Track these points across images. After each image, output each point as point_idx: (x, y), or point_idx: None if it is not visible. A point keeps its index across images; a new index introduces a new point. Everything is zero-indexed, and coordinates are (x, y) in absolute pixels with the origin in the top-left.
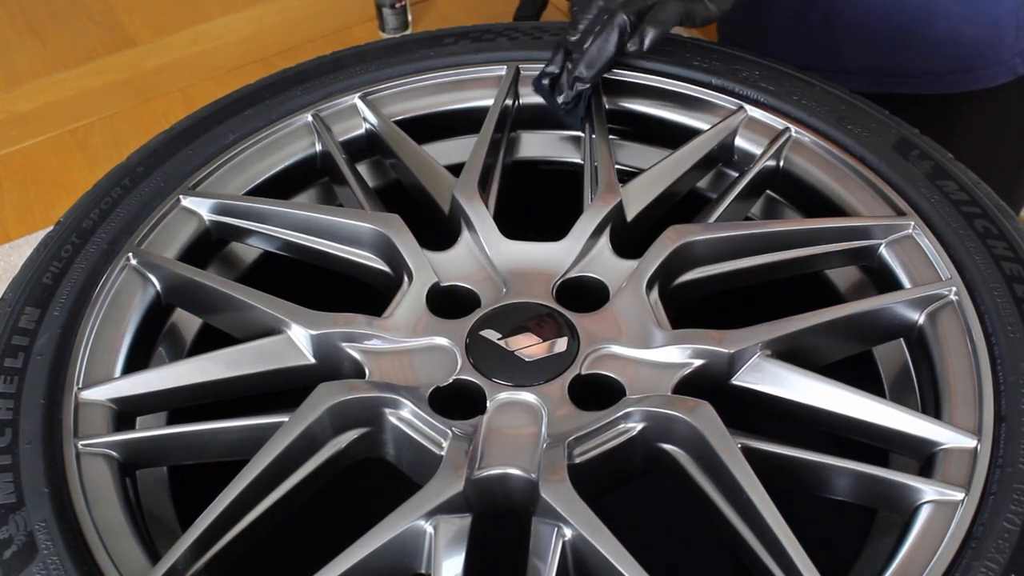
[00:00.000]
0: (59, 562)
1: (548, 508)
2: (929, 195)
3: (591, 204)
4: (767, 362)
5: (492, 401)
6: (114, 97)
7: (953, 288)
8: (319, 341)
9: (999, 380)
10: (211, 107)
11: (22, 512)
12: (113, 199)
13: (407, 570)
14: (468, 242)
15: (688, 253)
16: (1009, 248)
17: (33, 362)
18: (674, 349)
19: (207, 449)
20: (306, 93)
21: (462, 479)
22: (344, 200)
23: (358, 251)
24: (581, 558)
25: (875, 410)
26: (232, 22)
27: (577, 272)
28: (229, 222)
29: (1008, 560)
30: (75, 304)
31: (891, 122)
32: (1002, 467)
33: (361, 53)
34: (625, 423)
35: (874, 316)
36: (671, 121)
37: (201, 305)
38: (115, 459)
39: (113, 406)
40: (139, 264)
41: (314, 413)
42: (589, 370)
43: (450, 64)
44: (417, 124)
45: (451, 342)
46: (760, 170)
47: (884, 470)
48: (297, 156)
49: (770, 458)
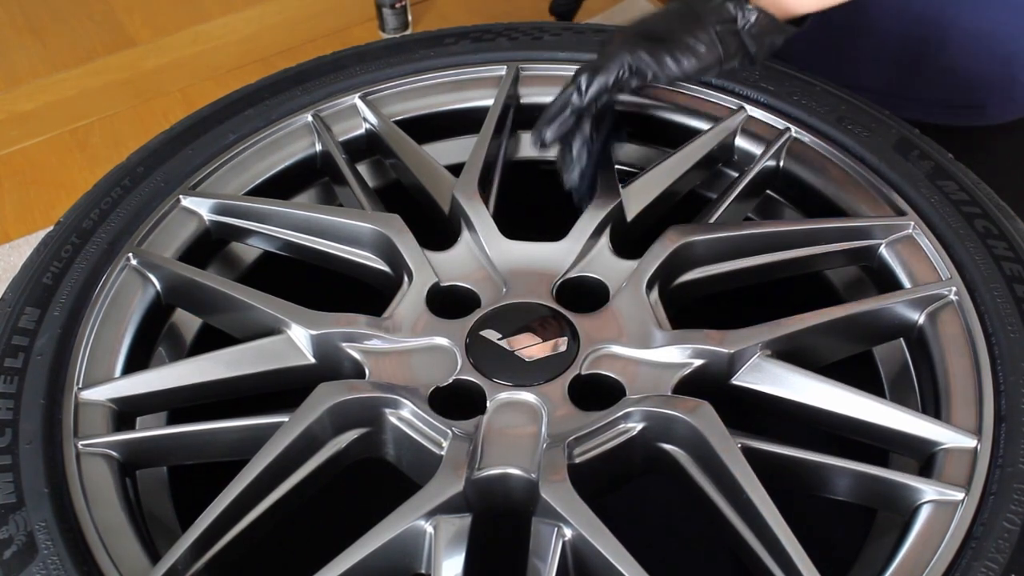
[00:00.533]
0: (59, 562)
1: (548, 508)
2: (929, 195)
3: (591, 204)
4: (767, 362)
5: (492, 401)
6: (114, 97)
7: (953, 288)
8: (319, 341)
9: (999, 380)
10: (211, 107)
11: (22, 512)
12: (113, 199)
13: (407, 570)
14: (468, 242)
15: (688, 253)
16: (1009, 248)
17: (33, 362)
18: (674, 349)
19: (207, 449)
20: (306, 93)
21: (462, 479)
22: (344, 200)
23: (358, 251)
24: (581, 558)
25: (875, 410)
26: (232, 22)
27: (577, 272)
28: (229, 222)
29: (1008, 560)
30: (75, 304)
31: (891, 122)
32: (1002, 467)
33: (361, 53)
34: (625, 423)
35: (874, 316)
36: (671, 121)
37: (201, 305)
38: (115, 459)
39: (113, 406)
40: (139, 264)
41: (314, 413)
42: (589, 370)
43: (450, 64)
44: (417, 124)
45: (451, 342)
46: (760, 170)
47: (884, 470)
48: (297, 156)
49: (770, 458)
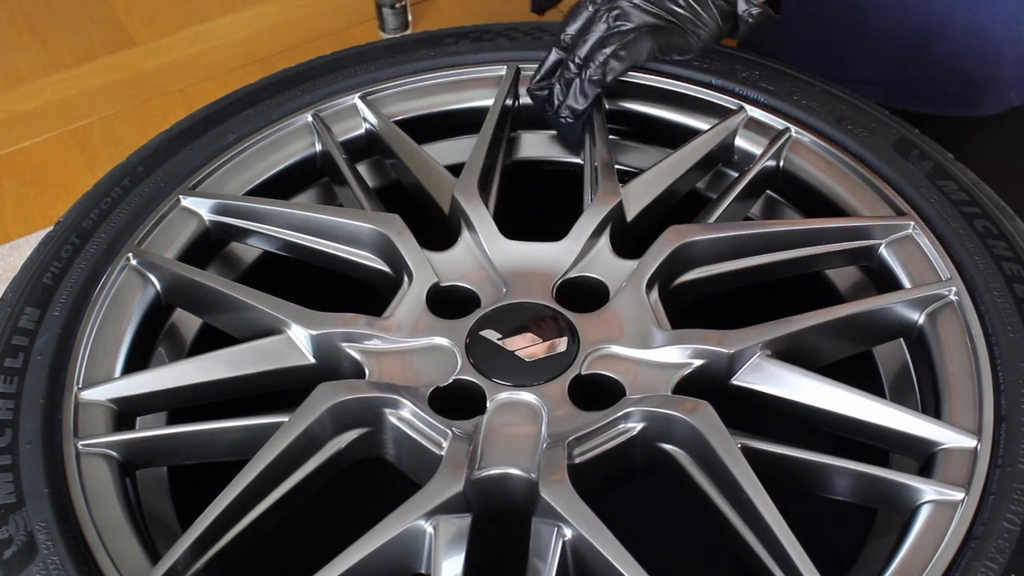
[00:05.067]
0: (59, 562)
1: (548, 508)
2: (929, 195)
3: (591, 204)
4: (767, 362)
5: (492, 401)
6: (114, 97)
7: (953, 288)
8: (319, 341)
9: (999, 380)
10: (211, 107)
11: (22, 512)
12: (113, 199)
13: (407, 570)
14: (468, 242)
15: (688, 253)
16: (1009, 248)
17: (33, 362)
18: (674, 349)
19: (207, 449)
20: (306, 93)
21: (462, 479)
22: (344, 200)
23: (358, 251)
24: (581, 558)
25: (875, 410)
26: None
27: (577, 272)
28: (229, 222)
29: (1008, 560)
30: (75, 304)
31: (891, 122)
32: (1002, 467)
33: (361, 53)
34: (625, 423)
35: (874, 316)
36: (671, 121)
37: (201, 305)
38: (115, 459)
39: (113, 406)
40: (139, 264)
41: (314, 413)
42: (589, 370)
43: (450, 64)
44: (417, 124)
45: (451, 342)
46: (760, 170)
47: (884, 470)
48: (297, 156)
49: (770, 458)
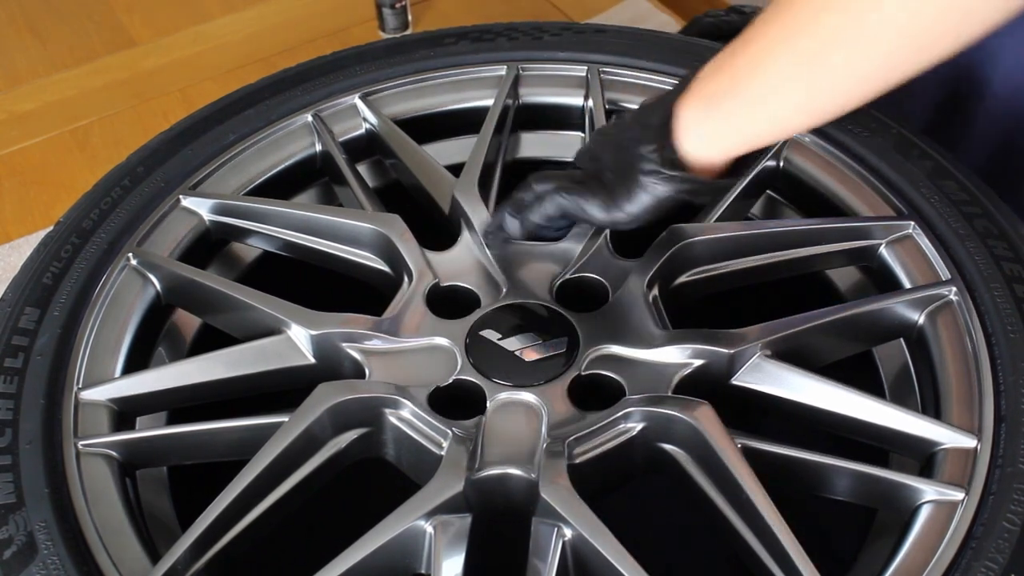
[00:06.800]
0: (59, 562)
1: (548, 508)
2: (929, 195)
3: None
4: (767, 362)
5: (492, 401)
6: (114, 97)
7: (953, 288)
8: (319, 341)
9: (999, 380)
10: (211, 107)
11: (22, 512)
12: (113, 199)
13: (407, 570)
14: (468, 242)
15: (688, 253)
16: (1009, 248)
17: (33, 362)
18: (674, 349)
19: (207, 449)
20: (306, 93)
21: (462, 479)
22: (344, 200)
23: (358, 251)
24: (581, 558)
25: (875, 410)
26: (232, 22)
27: (577, 272)
28: (229, 222)
29: (1008, 560)
30: (75, 304)
31: (891, 122)
32: (1002, 467)
33: (361, 53)
34: (625, 423)
35: (874, 316)
36: None
37: (201, 305)
38: (115, 459)
39: (113, 406)
40: (139, 264)
41: (314, 413)
42: (589, 370)
43: (450, 64)
44: (417, 124)
45: (451, 342)
46: (760, 170)
47: (884, 470)
48: (297, 156)
49: (770, 458)
